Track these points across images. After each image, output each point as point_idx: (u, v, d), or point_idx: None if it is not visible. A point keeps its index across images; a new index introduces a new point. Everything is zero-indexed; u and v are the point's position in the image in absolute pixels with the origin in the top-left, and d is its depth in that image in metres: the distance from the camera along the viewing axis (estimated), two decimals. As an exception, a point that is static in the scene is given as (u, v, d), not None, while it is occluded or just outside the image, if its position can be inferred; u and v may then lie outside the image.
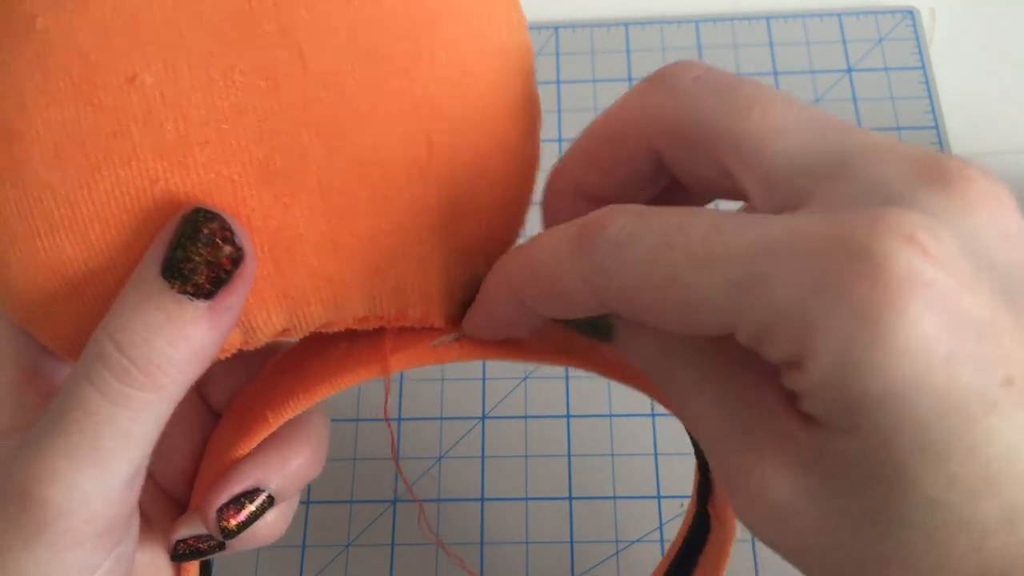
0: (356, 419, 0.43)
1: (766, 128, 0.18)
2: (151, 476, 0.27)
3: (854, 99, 0.50)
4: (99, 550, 0.21)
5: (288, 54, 0.20)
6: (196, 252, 0.20)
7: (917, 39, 0.52)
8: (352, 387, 0.23)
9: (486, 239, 0.22)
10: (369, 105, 0.20)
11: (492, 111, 0.21)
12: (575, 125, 0.51)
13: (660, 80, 0.20)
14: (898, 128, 0.49)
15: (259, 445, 0.24)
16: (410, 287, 0.22)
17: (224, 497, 0.24)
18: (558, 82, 0.52)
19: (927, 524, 0.15)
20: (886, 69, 0.51)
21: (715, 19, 0.54)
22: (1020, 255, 0.16)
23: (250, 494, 0.24)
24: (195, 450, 0.27)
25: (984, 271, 0.15)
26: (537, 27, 0.54)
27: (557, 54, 0.53)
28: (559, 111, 0.51)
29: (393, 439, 0.43)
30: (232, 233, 0.20)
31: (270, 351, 0.27)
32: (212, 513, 0.24)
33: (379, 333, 0.23)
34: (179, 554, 0.25)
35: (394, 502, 0.42)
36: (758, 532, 0.17)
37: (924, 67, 0.51)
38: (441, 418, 0.43)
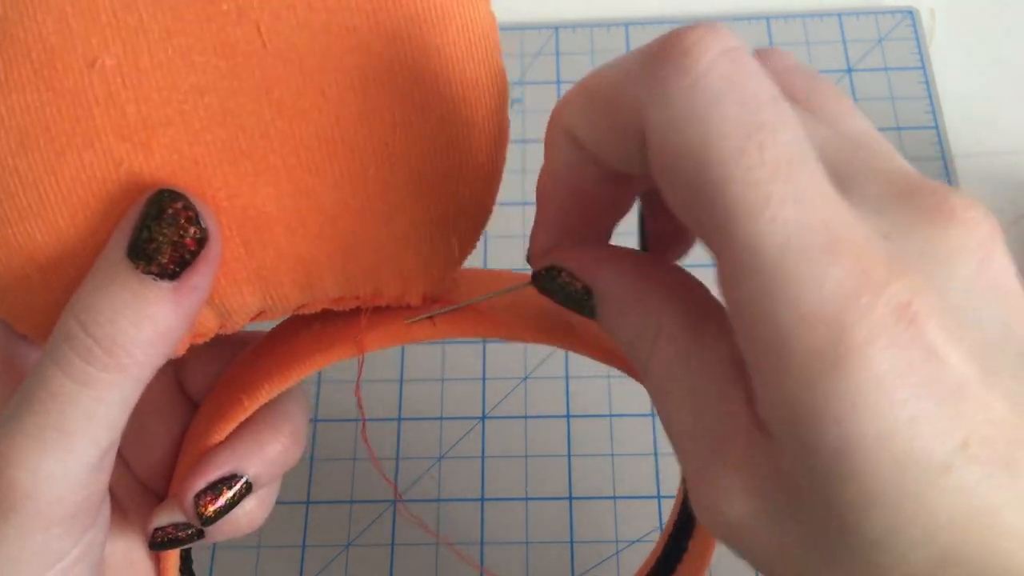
0: (356, 419, 0.43)
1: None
2: (128, 467, 0.27)
3: (854, 99, 0.50)
4: (67, 536, 0.21)
5: (246, 32, 0.20)
6: (160, 232, 0.20)
7: (917, 39, 0.52)
8: (352, 387, 0.23)
9: (457, 215, 0.22)
10: (330, 81, 0.20)
11: (457, 85, 0.21)
12: (575, 125, 0.51)
13: (665, 57, 0.16)
14: (898, 128, 0.49)
15: (236, 431, 0.24)
16: (383, 266, 0.22)
17: (201, 483, 0.24)
18: (558, 82, 0.52)
19: (867, 559, 0.15)
20: (886, 69, 0.51)
21: (715, 19, 0.54)
22: (1004, 312, 0.16)
23: (227, 480, 0.24)
24: (173, 440, 0.27)
25: (965, 327, 0.15)
26: (537, 27, 0.54)
27: (557, 54, 0.53)
28: (559, 111, 0.51)
29: (363, 416, 0.43)
30: (196, 213, 0.20)
31: (248, 339, 0.27)
32: (189, 499, 0.24)
33: (354, 313, 0.23)
34: (157, 543, 0.25)
35: (394, 502, 0.42)
36: (720, 540, 0.18)
37: (924, 67, 0.51)
38: (441, 418, 0.43)
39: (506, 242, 0.47)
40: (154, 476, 0.27)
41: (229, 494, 0.24)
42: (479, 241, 0.24)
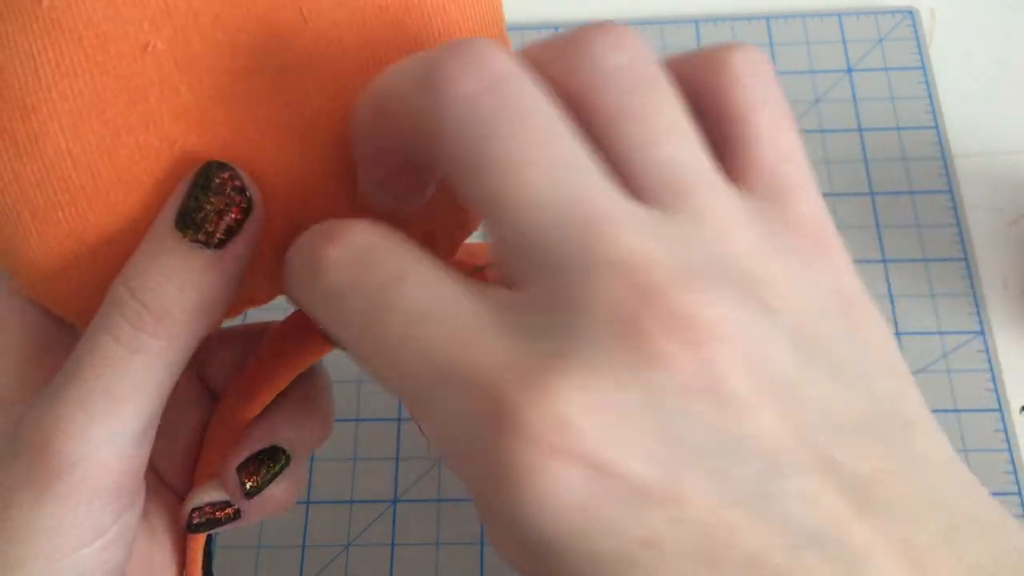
0: (356, 419, 0.43)
1: (506, 202, 0.17)
2: (150, 463, 0.27)
3: (854, 99, 0.50)
4: (108, 510, 0.21)
5: (289, 13, 0.20)
6: (208, 201, 0.20)
7: (917, 39, 0.52)
8: (352, 387, 0.24)
9: None
10: (367, 56, 0.21)
11: None
12: (575, 125, 0.51)
13: (429, 83, 0.17)
14: (898, 128, 0.49)
15: (270, 407, 0.25)
16: (408, 229, 0.24)
17: (244, 454, 0.25)
18: (558, 82, 0.52)
19: None
20: (886, 69, 0.51)
21: (715, 19, 0.54)
22: (696, 407, 0.15)
23: (268, 452, 0.25)
24: (194, 431, 0.27)
25: (649, 431, 0.15)
26: (537, 27, 0.54)
27: (557, 54, 0.53)
28: (559, 111, 0.51)
29: (393, 439, 0.43)
30: (242, 182, 0.21)
31: (267, 329, 0.28)
32: (232, 472, 0.25)
33: None
34: (195, 524, 0.25)
35: (394, 502, 0.42)
36: None
37: (924, 67, 0.51)
38: (441, 418, 0.43)
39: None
40: (174, 468, 0.27)
41: (271, 464, 0.25)
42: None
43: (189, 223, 0.20)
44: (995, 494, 0.40)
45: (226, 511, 0.25)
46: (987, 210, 0.47)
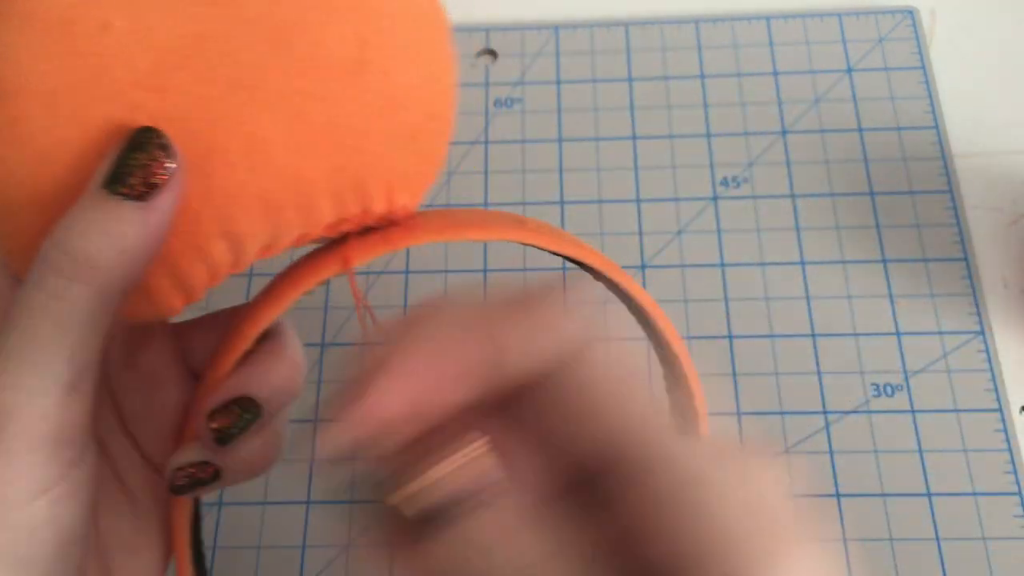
0: (356, 419, 0.43)
1: None
2: (136, 445, 0.28)
3: (854, 99, 0.51)
4: (53, 462, 0.22)
5: None
6: (133, 158, 0.22)
7: (917, 39, 0.52)
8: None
9: (426, 127, 0.26)
10: (310, 13, 0.23)
11: (409, 14, 0.25)
12: (575, 125, 0.51)
13: None
14: (898, 128, 0.49)
15: (240, 364, 0.26)
16: (369, 179, 0.25)
17: (214, 403, 0.25)
18: (558, 82, 0.52)
19: None
20: (886, 69, 0.51)
21: (715, 19, 0.54)
22: None
23: (238, 401, 0.26)
24: (178, 413, 0.28)
25: None
26: (537, 27, 0.54)
27: (557, 54, 0.53)
28: (559, 111, 0.51)
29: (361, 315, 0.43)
30: (165, 140, 0.22)
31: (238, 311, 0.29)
32: (203, 421, 0.25)
33: (341, 241, 0.26)
34: (178, 486, 0.26)
35: (394, 502, 0.42)
36: None
37: (924, 67, 0.51)
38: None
39: (508, 247, 0.47)
40: (159, 451, 0.28)
41: (240, 411, 0.26)
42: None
43: (114, 180, 0.22)
44: (995, 494, 0.40)
45: (206, 471, 0.26)
46: (987, 210, 0.47)
